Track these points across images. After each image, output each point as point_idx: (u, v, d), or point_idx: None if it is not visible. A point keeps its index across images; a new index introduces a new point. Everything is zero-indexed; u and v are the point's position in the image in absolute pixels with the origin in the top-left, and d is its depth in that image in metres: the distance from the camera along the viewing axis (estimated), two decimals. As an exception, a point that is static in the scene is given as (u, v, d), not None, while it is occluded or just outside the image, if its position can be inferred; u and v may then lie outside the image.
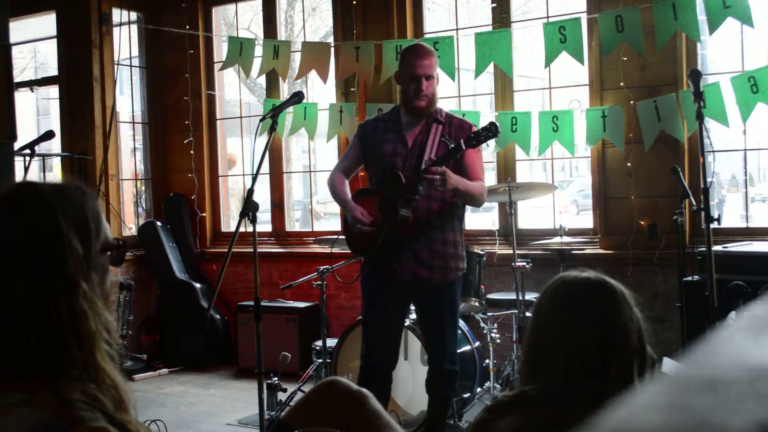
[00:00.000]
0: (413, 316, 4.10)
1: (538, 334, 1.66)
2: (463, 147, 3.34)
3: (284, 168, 6.50)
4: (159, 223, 6.42)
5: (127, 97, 6.67)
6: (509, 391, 1.63)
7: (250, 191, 3.31)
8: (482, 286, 4.53)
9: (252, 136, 5.38)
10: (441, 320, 3.58)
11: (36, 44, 8.98)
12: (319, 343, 4.75)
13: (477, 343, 4.43)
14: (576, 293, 1.64)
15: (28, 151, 4.99)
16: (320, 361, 4.68)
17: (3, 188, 1.32)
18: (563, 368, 1.57)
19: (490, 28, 5.33)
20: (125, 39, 6.34)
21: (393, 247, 3.50)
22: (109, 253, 1.35)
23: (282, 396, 4.52)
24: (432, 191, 3.44)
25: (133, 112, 6.72)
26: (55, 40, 6.54)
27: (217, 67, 6.49)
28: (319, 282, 4.65)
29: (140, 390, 5.46)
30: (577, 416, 1.39)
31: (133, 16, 6.62)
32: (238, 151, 6.72)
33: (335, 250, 4.41)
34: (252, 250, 3.39)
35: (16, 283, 1.22)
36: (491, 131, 3.37)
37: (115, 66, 6.37)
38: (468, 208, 3.87)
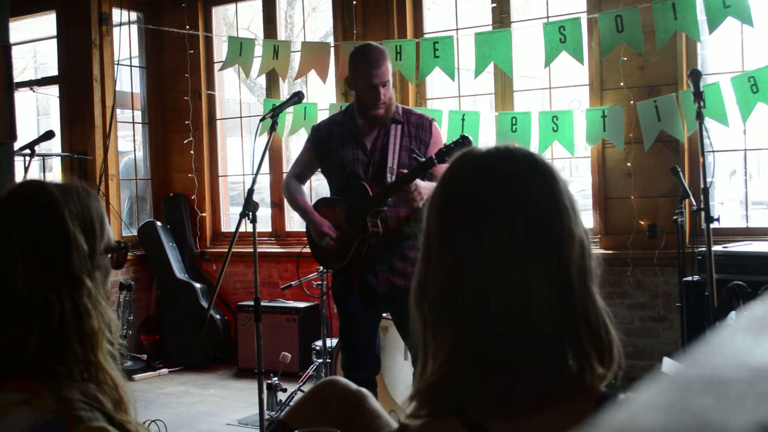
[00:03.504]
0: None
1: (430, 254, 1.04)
2: (435, 162, 3.21)
3: (284, 168, 6.50)
4: (159, 223, 6.42)
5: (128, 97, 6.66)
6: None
7: (250, 191, 3.31)
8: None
9: (252, 136, 5.38)
10: None
11: (36, 44, 8.97)
12: (319, 343, 4.75)
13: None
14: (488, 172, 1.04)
15: (28, 151, 5.00)
16: (320, 361, 4.67)
17: (9, 186, 1.32)
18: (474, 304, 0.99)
19: (490, 28, 5.33)
20: (125, 39, 6.34)
21: (364, 259, 3.42)
22: (110, 255, 1.35)
23: (282, 396, 4.52)
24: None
25: (133, 111, 6.72)
26: (55, 40, 6.54)
27: (217, 67, 6.49)
28: (319, 282, 4.65)
29: (140, 390, 5.46)
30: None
31: (133, 16, 6.62)
32: (238, 151, 6.72)
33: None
34: (252, 250, 3.39)
35: (20, 279, 1.22)
36: (465, 146, 3.19)
37: (115, 66, 6.37)
38: None
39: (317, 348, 4.81)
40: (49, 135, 5.15)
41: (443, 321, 1.02)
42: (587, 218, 5.53)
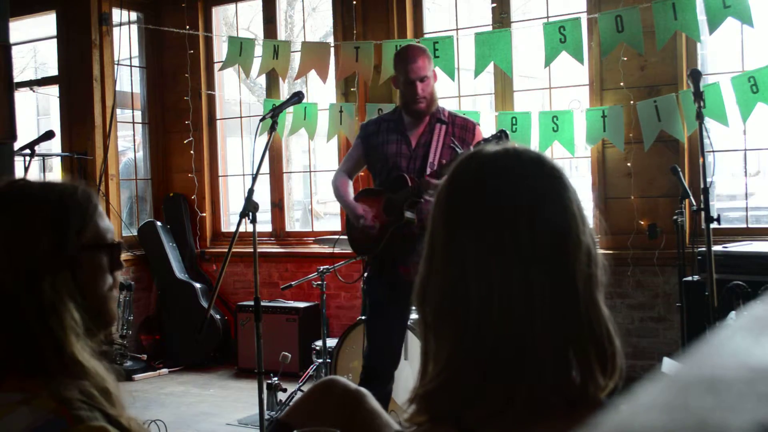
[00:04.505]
0: (414, 315, 4.09)
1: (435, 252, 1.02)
2: None
3: (284, 168, 6.51)
4: (159, 223, 6.42)
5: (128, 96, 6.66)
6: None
7: (250, 191, 3.32)
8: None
9: (252, 136, 5.38)
10: None
11: (36, 44, 8.98)
12: (319, 343, 4.75)
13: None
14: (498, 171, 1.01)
15: (28, 151, 4.99)
16: (320, 361, 4.67)
17: None
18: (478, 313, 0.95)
19: (490, 28, 5.33)
20: (125, 39, 6.34)
21: (397, 248, 3.51)
22: (98, 253, 1.33)
23: (282, 396, 4.52)
24: None
25: (133, 111, 6.72)
26: (55, 40, 6.54)
27: (217, 67, 6.49)
28: (319, 282, 4.65)
29: (140, 390, 5.46)
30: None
31: (133, 16, 6.62)
32: (238, 151, 6.72)
33: (336, 250, 4.41)
34: (252, 250, 3.39)
35: None
36: (502, 140, 3.37)
37: (115, 66, 6.37)
38: None
39: (317, 348, 4.81)
40: (49, 135, 5.15)
41: (444, 324, 0.99)
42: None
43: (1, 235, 1.25)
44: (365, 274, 3.75)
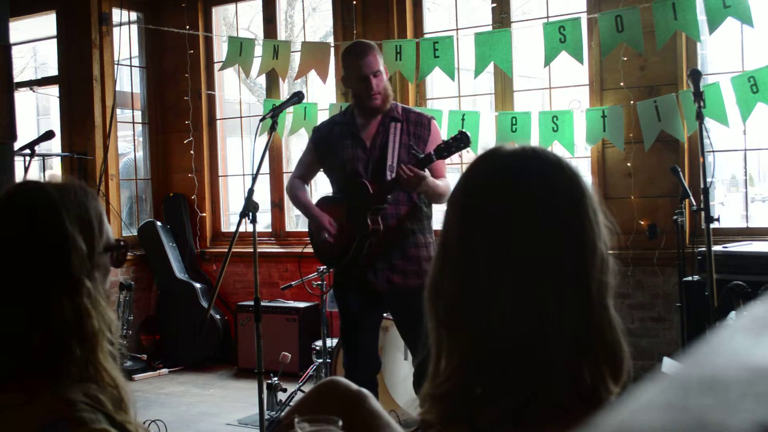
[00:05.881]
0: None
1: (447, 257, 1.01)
2: (434, 158, 3.25)
3: (284, 168, 6.50)
4: (159, 223, 6.42)
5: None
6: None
7: (250, 191, 3.31)
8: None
9: (252, 136, 5.38)
10: (422, 323, 3.53)
11: (36, 44, 8.97)
12: (319, 343, 4.75)
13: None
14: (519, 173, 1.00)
15: (28, 151, 4.99)
16: (320, 361, 4.67)
17: (8, 188, 1.32)
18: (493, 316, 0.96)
19: (490, 28, 5.33)
20: (125, 39, 6.34)
21: (365, 257, 3.43)
22: (110, 253, 1.35)
23: (282, 396, 4.52)
24: (399, 195, 3.40)
25: (133, 111, 6.72)
26: (55, 40, 6.54)
27: (217, 67, 6.49)
28: (319, 282, 4.65)
29: (140, 390, 5.46)
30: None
31: (133, 16, 6.62)
32: (238, 151, 6.73)
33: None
34: (252, 250, 3.39)
35: (20, 281, 1.22)
36: (462, 141, 3.26)
37: (115, 66, 6.37)
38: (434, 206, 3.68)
39: (317, 348, 4.82)
40: (49, 135, 5.15)
41: (457, 323, 0.98)
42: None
43: (31, 240, 1.25)
44: (330, 290, 3.67)
